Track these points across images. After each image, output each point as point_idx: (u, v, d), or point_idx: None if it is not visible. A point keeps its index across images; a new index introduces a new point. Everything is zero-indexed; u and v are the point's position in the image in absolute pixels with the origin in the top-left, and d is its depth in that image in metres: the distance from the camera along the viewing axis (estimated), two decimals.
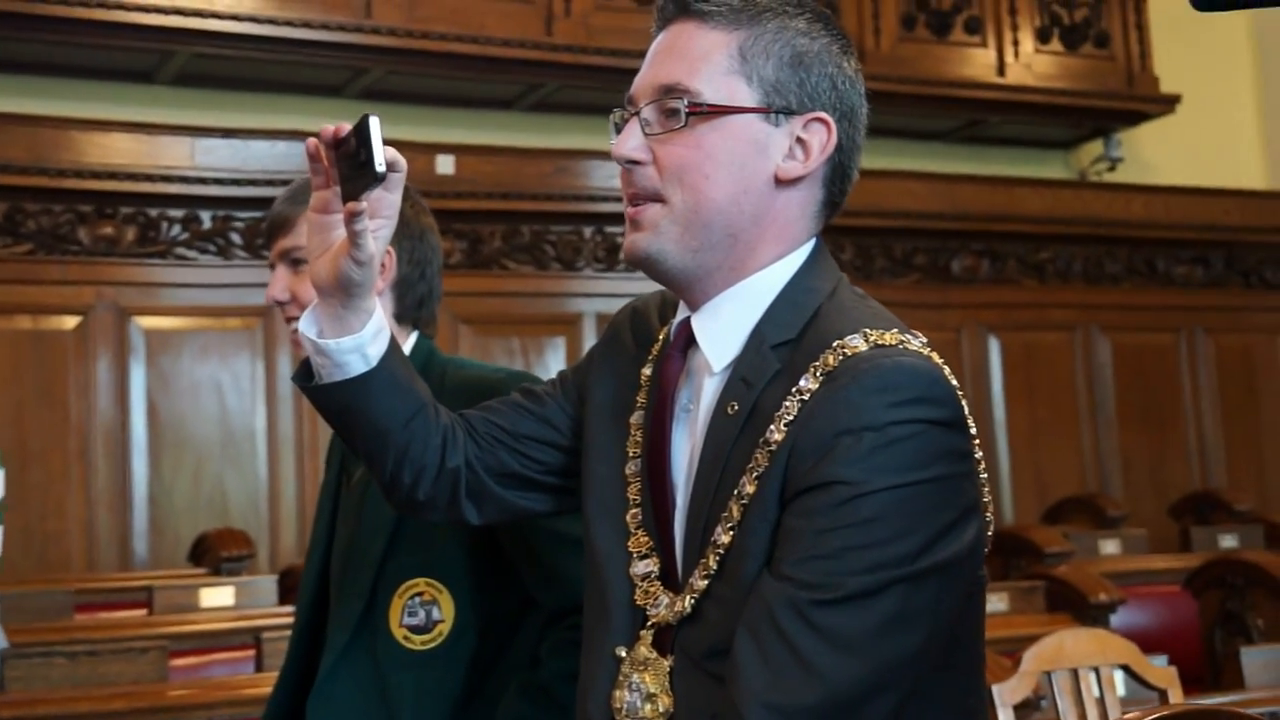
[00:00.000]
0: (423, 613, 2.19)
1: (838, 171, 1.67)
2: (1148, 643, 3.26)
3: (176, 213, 5.90)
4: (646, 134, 1.63)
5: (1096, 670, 2.90)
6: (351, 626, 2.21)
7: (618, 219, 5.98)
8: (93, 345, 5.73)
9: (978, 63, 7.45)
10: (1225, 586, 5.13)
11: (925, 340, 1.59)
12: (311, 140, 1.63)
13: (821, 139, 1.64)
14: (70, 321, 5.76)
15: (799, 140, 1.64)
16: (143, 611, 4.47)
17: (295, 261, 2.27)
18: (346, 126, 1.59)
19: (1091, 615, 4.65)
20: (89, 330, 5.74)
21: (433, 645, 2.20)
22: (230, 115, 6.25)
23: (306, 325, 1.69)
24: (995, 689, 2.77)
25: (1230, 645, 4.87)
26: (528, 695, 2.12)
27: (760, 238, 1.64)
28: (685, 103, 1.61)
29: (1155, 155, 8.34)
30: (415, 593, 2.20)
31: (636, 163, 1.64)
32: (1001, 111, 7.56)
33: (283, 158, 5.86)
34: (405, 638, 2.20)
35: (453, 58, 6.29)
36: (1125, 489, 7.53)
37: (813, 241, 1.68)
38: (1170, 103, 7.85)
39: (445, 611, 2.20)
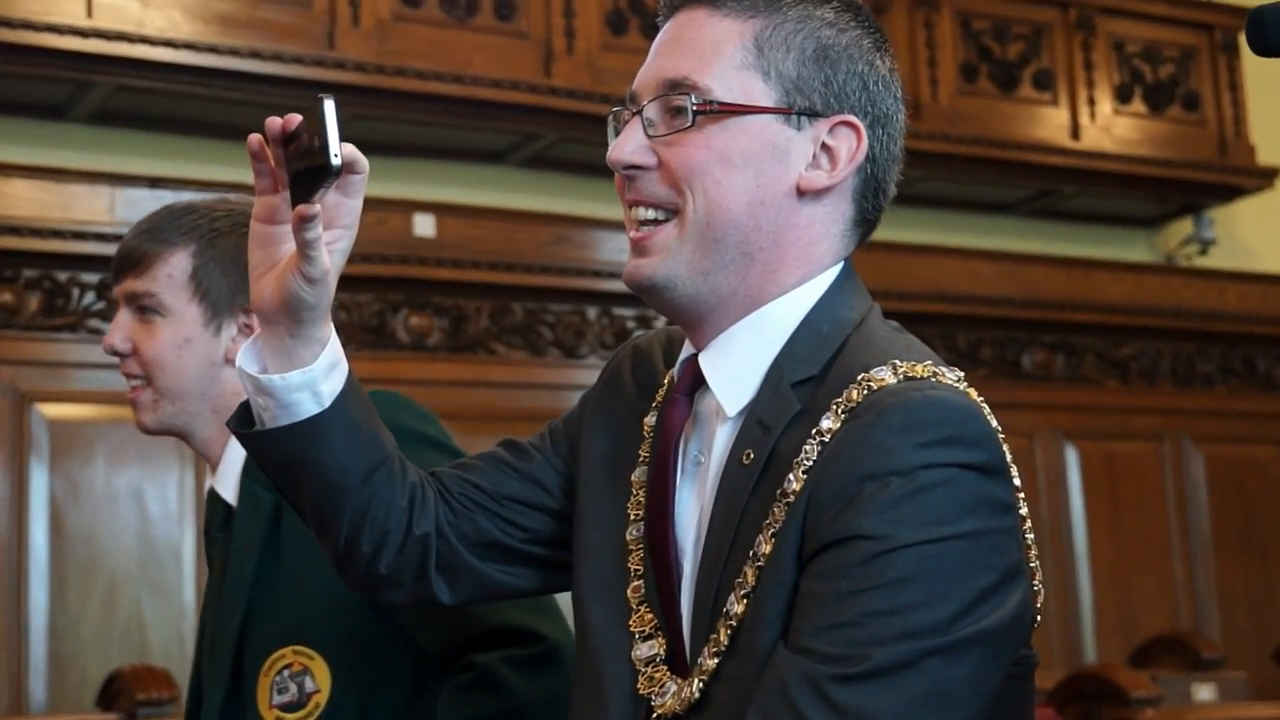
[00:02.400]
0: (293, 686, 2.09)
1: (869, 184, 1.63)
2: None
3: (91, 277, 5.59)
4: (650, 135, 1.60)
5: None
6: None
7: (628, 299, 6.02)
8: None
9: (1049, 123, 7.24)
10: None
11: (961, 374, 1.55)
12: (255, 136, 1.56)
13: (850, 146, 1.60)
14: None
15: (824, 147, 1.60)
16: None
17: (144, 310, 2.18)
18: (297, 117, 1.51)
19: None
20: None
21: None
22: (158, 162, 5.98)
23: (246, 360, 1.62)
24: None
25: None
26: None
27: (780, 259, 1.60)
28: (693, 100, 1.58)
29: (1253, 237, 8.15)
30: (283, 665, 2.10)
31: (638, 167, 1.60)
32: (1076, 181, 7.35)
33: None
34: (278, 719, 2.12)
35: (432, 100, 6.05)
36: (1223, 627, 7.30)
37: (840, 265, 1.64)
38: (1269, 176, 7.61)
39: (320, 680, 2.10)
